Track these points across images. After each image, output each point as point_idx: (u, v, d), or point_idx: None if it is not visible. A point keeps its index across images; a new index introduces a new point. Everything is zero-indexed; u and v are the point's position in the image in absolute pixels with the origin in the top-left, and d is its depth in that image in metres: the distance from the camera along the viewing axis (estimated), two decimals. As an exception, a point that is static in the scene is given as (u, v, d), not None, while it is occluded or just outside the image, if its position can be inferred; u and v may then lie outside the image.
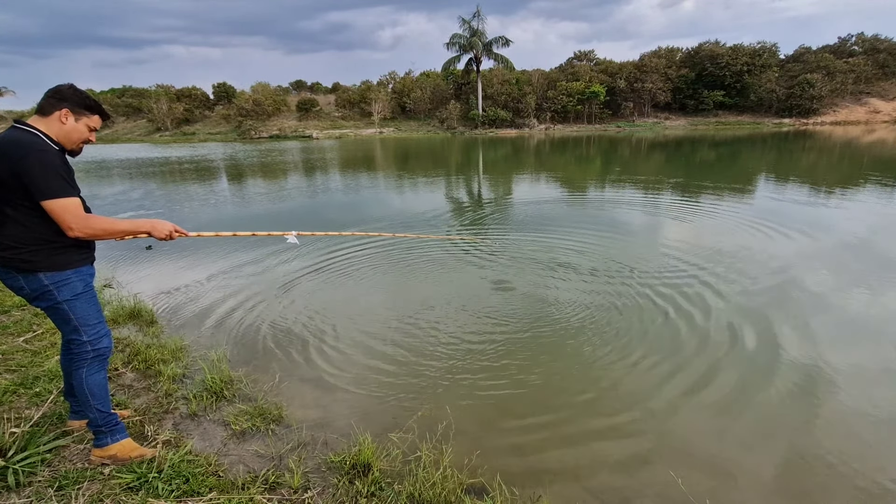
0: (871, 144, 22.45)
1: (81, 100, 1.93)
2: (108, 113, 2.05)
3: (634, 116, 45.11)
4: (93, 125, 1.98)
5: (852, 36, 46.41)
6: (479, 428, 2.70)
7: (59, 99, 1.88)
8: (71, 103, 1.89)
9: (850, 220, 7.62)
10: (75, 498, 1.91)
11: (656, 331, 3.89)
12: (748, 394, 3.01)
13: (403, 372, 3.33)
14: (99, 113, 1.99)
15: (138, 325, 3.97)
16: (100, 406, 2.06)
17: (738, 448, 2.52)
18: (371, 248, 6.31)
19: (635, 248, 6.35)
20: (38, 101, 1.91)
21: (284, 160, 22.24)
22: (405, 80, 50.93)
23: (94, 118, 1.98)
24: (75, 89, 1.92)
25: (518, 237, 7.02)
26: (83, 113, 1.94)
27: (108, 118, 2.06)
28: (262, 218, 9.16)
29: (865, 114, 42.19)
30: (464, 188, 12.88)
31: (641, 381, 3.17)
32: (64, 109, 1.88)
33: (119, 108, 54.33)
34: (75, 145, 1.97)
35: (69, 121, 1.90)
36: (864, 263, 5.36)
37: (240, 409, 2.71)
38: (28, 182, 1.74)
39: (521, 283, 5.02)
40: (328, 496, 2.06)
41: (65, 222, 1.81)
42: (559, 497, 2.18)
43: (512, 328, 3.96)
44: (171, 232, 2.06)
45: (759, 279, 4.93)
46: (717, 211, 8.50)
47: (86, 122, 1.95)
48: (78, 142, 1.96)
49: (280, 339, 3.85)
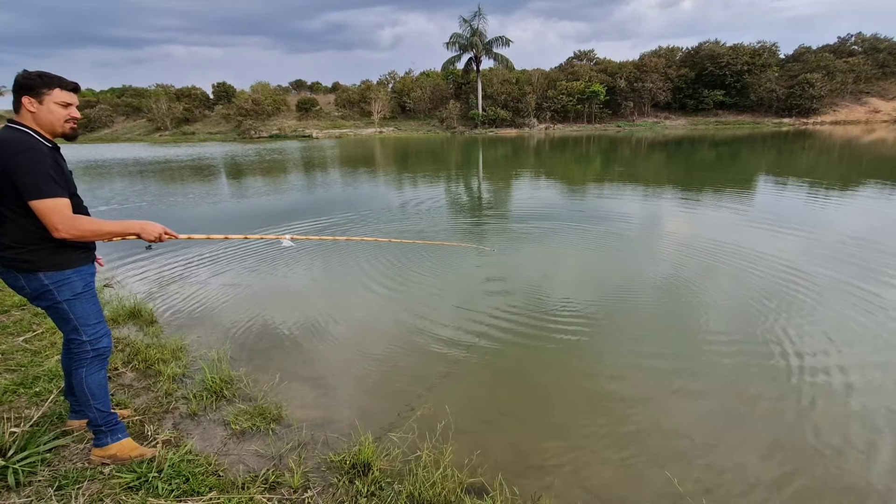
0: (872, 144, 22.44)
1: (34, 81, 1.84)
2: (69, 81, 1.92)
3: (634, 116, 45.10)
4: (61, 100, 1.88)
5: (852, 36, 46.43)
6: (480, 427, 2.70)
7: (16, 90, 1.82)
8: (27, 89, 1.82)
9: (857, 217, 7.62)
10: (75, 497, 1.91)
11: (656, 331, 3.89)
12: (748, 394, 3.01)
13: (403, 371, 3.33)
14: (58, 85, 1.87)
15: (138, 325, 3.97)
16: (99, 406, 2.06)
17: (737, 448, 2.52)
18: (371, 249, 6.30)
19: (635, 247, 6.35)
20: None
21: (283, 160, 22.22)
22: (405, 80, 50.93)
23: (56, 92, 1.86)
24: (26, 73, 1.84)
25: (518, 237, 7.02)
26: (42, 92, 1.84)
27: (71, 87, 1.92)
28: (261, 217, 9.14)
29: (865, 113, 42.19)
30: (463, 188, 12.88)
31: (641, 382, 3.17)
32: (24, 98, 1.82)
33: (119, 108, 54.35)
34: (63, 129, 1.91)
35: (35, 106, 1.83)
36: (866, 263, 5.36)
37: (240, 408, 2.71)
38: (16, 182, 1.73)
39: (521, 284, 5.02)
40: (328, 496, 2.06)
41: (51, 223, 1.78)
42: (559, 497, 2.18)
43: (512, 328, 3.95)
44: (161, 234, 2.00)
45: (759, 279, 4.93)
46: (715, 208, 8.50)
47: (52, 101, 1.85)
48: (61, 123, 1.89)
49: (280, 339, 3.85)
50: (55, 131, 1.91)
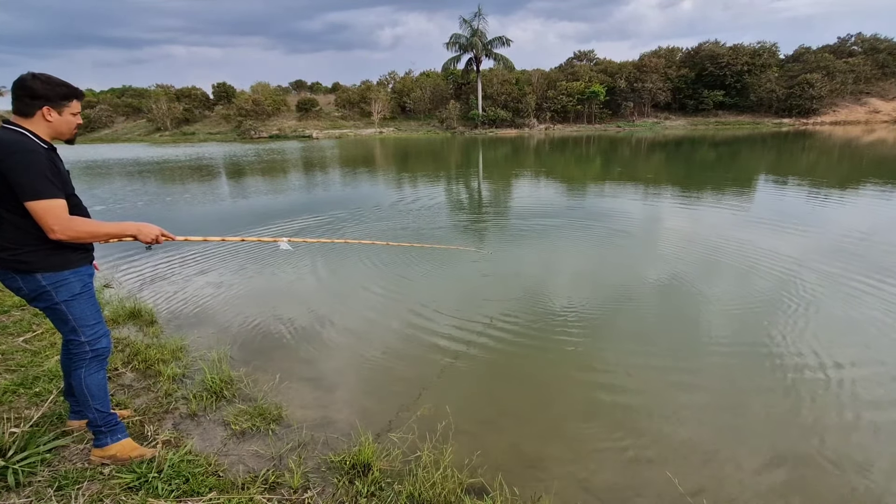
0: (872, 144, 22.44)
1: (57, 91, 1.85)
2: (82, 93, 1.97)
3: (634, 116, 45.11)
4: (76, 111, 1.94)
5: (852, 36, 46.45)
6: (480, 428, 2.70)
7: (33, 97, 1.80)
8: (48, 100, 1.82)
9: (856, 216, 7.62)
10: (75, 498, 1.91)
11: (656, 331, 3.89)
12: (749, 394, 3.01)
13: (403, 372, 3.33)
14: (76, 97, 1.91)
15: (138, 325, 3.97)
16: (99, 406, 2.06)
17: (737, 448, 2.52)
18: (370, 250, 6.30)
19: (635, 247, 6.35)
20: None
21: (283, 160, 22.22)
22: (405, 80, 50.95)
23: (74, 104, 1.91)
24: (44, 81, 1.81)
25: (517, 237, 7.02)
26: (63, 104, 1.87)
27: (83, 98, 1.99)
28: (260, 217, 9.13)
29: (865, 114, 42.20)
30: (463, 188, 12.87)
31: (642, 382, 3.17)
32: (45, 108, 1.82)
33: (119, 108, 54.36)
34: (69, 135, 1.96)
35: (54, 116, 1.85)
36: (866, 262, 5.36)
37: (240, 408, 2.70)
38: (12, 182, 1.73)
39: (520, 283, 5.01)
40: (328, 496, 2.06)
41: (46, 224, 1.78)
42: (559, 497, 2.18)
43: (511, 328, 3.95)
44: (158, 236, 2.01)
45: (760, 278, 4.93)
46: (716, 207, 8.50)
47: (70, 112, 1.90)
48: (70, 130, 1.94)
49: (280, 339, 3.85)
50: (62, 138, 1.95)
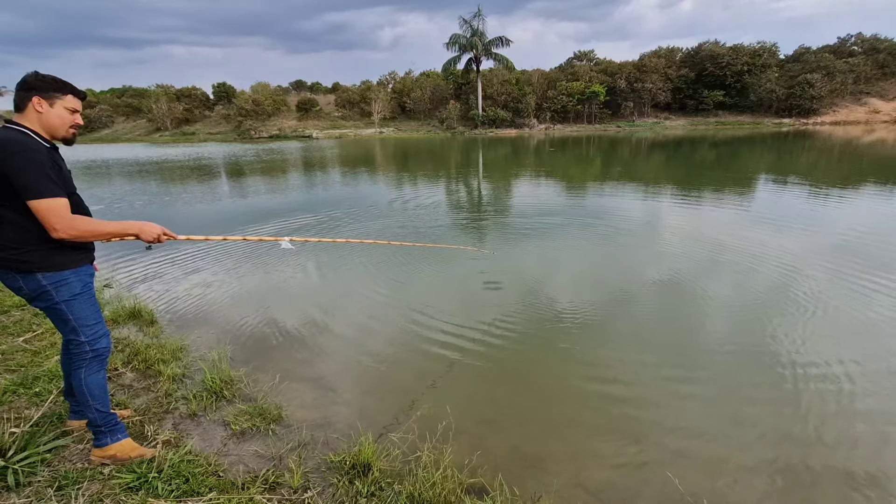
0: (872, 144, 22.45)
1: (48, 83, 1.85)
2: (81, 91, 1.95)
3: (634, 116, 45.10)
4: (71, 107, 1.91)
5: (852, 36, 46.45)
6: (480, 428, 2.70)
7: (26, 89, 1.82)
8: (38, 90, 1.83)
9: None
10: (75, 498, 1.91)
11: (657, 331, 3.89)
12: (749, 394, 3.01)
13: (403, 372, 3.33)
14: (72, 92, 1.91)
15: (138, 325, 3.97)
16: (99, 406, 2.06)
17: (737, 449, 2.52)
18: (370, 250, 6.30)
19: (635, 246, 6.34)
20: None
21: (282, 160, 22.22)
22: (405, 80, 50.94)
23: (68, 98, 1.90)
24: (38, 74, 1.85)
25: (517, 237, 7.02)
26: (54, 96, 1.86)
27: (82, 96, 1.96)
28: (259, 216, 9.13)
29: (865, 114, 42.18)
30: (463, 188, 12.87)
31: (642, 381, 3.17)
32: (34, 98, 1.82)
33: (119, 109, 54.36)
34: (65, 132, 1.93)
35: (44, 107, 1.85)
36: (867, 263, 5.36)
37: (240, 409, 2.70)
38: (14, 182, 1.73)
39: (520, 283, 5.01)
40: (328, 496, 2.06)
41: (49, 223, 1.78)
42: (559, 497, 2.18)
43: (511, 328, 3.95)
44: (160, 235, 2.00)
45: (760, 278, 4.93)
46: (716, 207, 8.50)
47: (62, 105, 1.88)
48: (64, 128, 1.91)
49: (280, 339, 3.85)
50: (56, 135, 1.92)
